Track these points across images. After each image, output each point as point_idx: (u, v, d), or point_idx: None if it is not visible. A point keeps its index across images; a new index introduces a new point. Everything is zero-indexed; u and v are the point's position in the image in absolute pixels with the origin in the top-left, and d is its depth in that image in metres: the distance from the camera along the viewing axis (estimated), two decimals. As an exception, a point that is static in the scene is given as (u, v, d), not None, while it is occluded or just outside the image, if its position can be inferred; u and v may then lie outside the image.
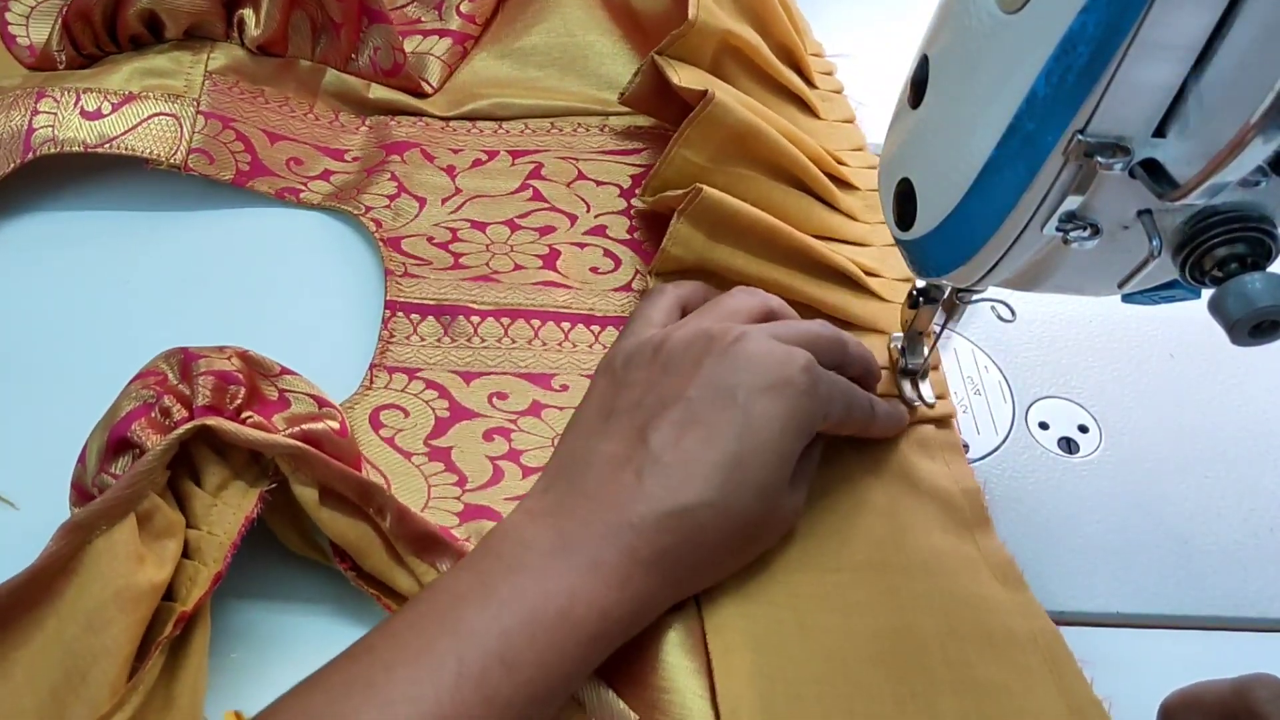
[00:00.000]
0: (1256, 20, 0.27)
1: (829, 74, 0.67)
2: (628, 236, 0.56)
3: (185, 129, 0.54)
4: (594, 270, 0.54)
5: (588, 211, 0.57)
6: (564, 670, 0.34)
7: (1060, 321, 0.54)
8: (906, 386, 0.47)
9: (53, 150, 0.52)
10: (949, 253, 0.36)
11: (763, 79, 0.61)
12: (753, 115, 0.54)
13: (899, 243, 0.39)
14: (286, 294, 0.52)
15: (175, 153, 0.53)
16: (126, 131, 0.53)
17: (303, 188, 0.56)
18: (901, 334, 0.47)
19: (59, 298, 0.51)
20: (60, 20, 0.55)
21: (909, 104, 0.37)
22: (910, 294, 0.44)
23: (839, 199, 0.58)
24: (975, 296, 0.41)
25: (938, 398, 0.48)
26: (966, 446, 0.48)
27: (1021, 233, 0.34)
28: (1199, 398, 0.51)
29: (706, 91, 0.53)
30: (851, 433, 0.44)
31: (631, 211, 0.57)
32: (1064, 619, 0.42)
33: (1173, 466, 0.48)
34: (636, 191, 0.57)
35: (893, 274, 0.56)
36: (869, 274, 0.55)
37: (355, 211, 0.55)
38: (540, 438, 0.48)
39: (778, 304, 0.45)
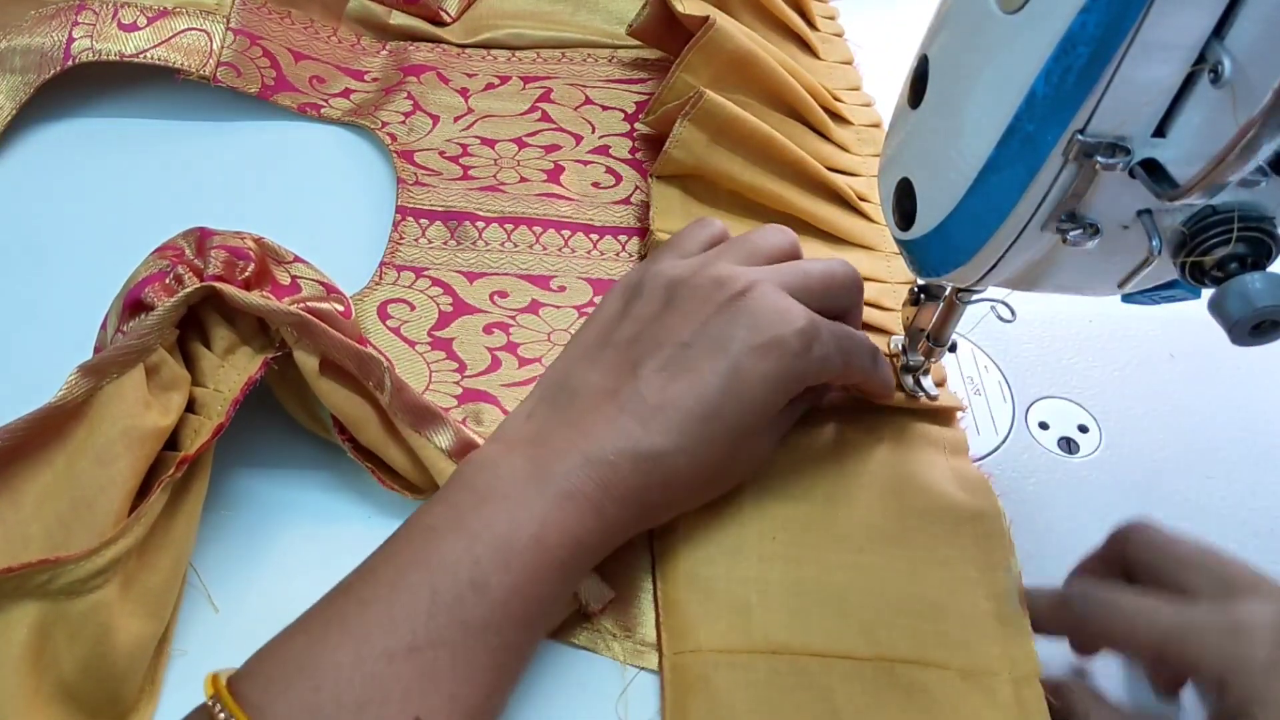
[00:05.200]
0: (1256, 20, 0.26)
1: (831, 18, 0.66)
2: (630, 156, 0.56)
3: (215, 43, 0.54)
4: (595, 185, 0.54)
5: (593, 133, 0.56)
6: (538, 594, 0.33)
7: (1060, 321, 0.52)
8: (909, 381, 0.45)
9: (91, 58, 0.52)
10: (949, 253, 0.35)
11: (765, 16, 0.61)
12: (752, 43, 0.54)
13: (899, 243, 0.37)
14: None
15: (205, 65, 0.53)
16: (160, 44, 0.53)
17: (324, 103, 0.56)
18: (902, 335, 0.45)
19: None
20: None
21: (908, 104, 0.36)
22: (911, 292, 0.42)
23: (832, 130, 0.57)
24: (975, 296, 0.40)
25: (937, 384, 0.45)
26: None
27: (1021, 233, 0.32)
28: (1199, 398, 0.49)
29: (708, 17, 0.53)
30: (848, 383, 0.42)
31: (635, 134, 0.57)
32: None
33: (1173, 466, 0.46)
34: (640, 117, 0.57)
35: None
36: (860, 199, 0.55)
37: (372, 126, 0.55)
38: (537, 333, 0.47)
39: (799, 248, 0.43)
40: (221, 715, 0.28)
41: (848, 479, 0.42)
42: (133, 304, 0.37)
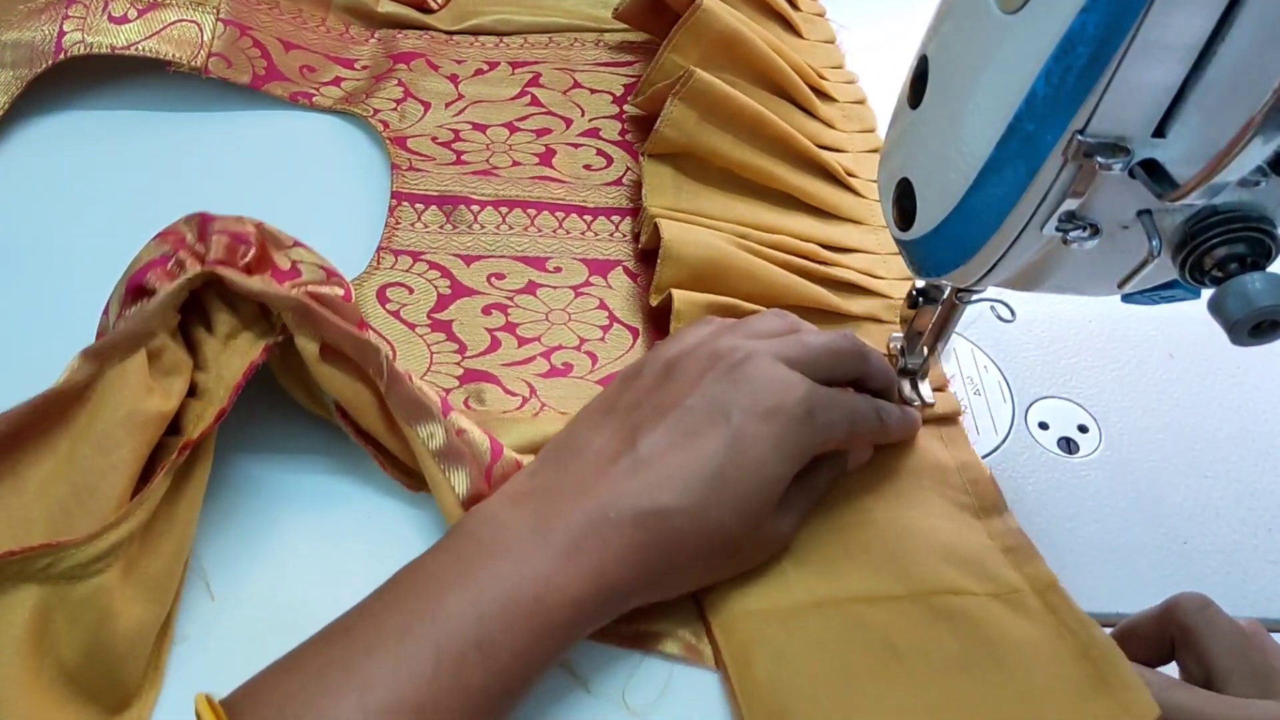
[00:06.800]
0: (1256, 20, 0.26)
1: (812, -1, 0.66)
2: (619, 138, 0.55)
3: (205, 35, 0.53)
4: (587, 167, 0.53)
5: (582, 116, 0.56)
6: (536, 658, 0.32)
7: (1060, 321, 0.50)
8: (905, 386, 0.44)
9: (82, 51, 0.51)
10: (949, 253, 0.34)
11: (748, -2, 0.60)
12: (738, 23, 0.53)
13: (899, 243, 0.36)
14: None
15: (196, 56, 0.52)
16: (151, 36, 0.52)
17: (315, 92, 0.55)
18: (901, 334, 0.44)
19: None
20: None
21: (908, 104, 0.35)
22: (910, 294, 0.41)
23: (818, 107, 0.57)
24: (975, 296, 0.39)
25: (936, 391, 0.44)
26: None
27: (1021, 233, 0.32)
28: (1199, 398, 0.48)
29: (694, -1, 0.52)
30: (864, 444, 0.41)
31: (624, 116, 0.56)
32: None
33: (1173, 466, 0.45)
34: (629, 99, 0.56)
35: (868, 175, 0.55)
36: (848, 174, 0.54)
37: (364, 114, 0.54)
38: (535, 313, 0.47)
39: (805, 326, 0.42)
40: None
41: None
42: (134, 289, 0.36)
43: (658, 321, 0.46)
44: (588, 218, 0.51)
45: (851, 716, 0.34)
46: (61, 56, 0.50)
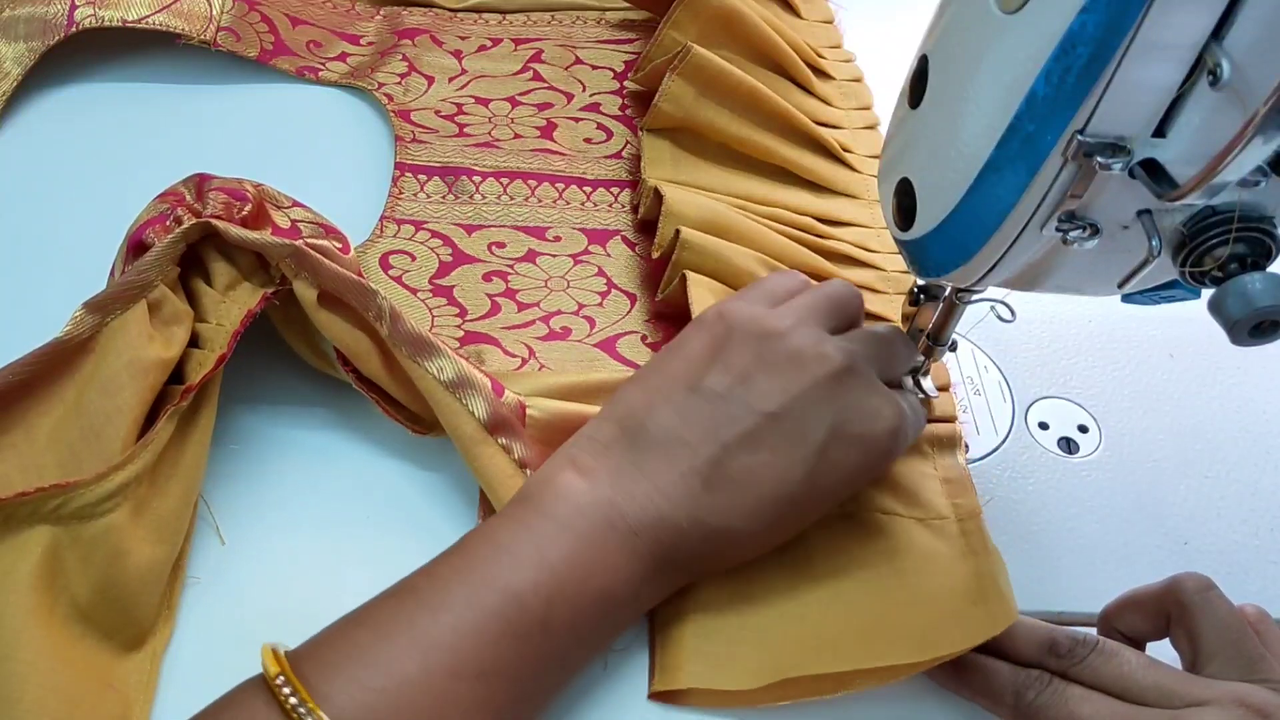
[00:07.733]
0: (1256, 20, 0.25)
1: (811, -20, 0.65)
2: (619, 113, 0.55)
3: (215, 9, 0.53)
4: (588, 141, 0.53)
5: (583, 91, 0.56)
6: (592, 641, 0.33)
7: (1060, 321, 0.49)
8: (908, 382, 0.43)
9: (94, 24, 0.51)
10: (949, 253, 0.33)
11: (747, -22, 0.60)
12: (736, 0, 0.53)
13: (899, 243, 0.35)
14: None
15: (205, 30, 0.52)
16: (161, 10, 0.52)
17: (321, 67, 0.55)
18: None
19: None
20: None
21: (908, 104, 0.34)
22: (911, 291, 0.40)
23: (815, 85, 0.57)
24: (975, 296, 0.38)
25: (940, 389, 0.44)
26: (967, 446, 0.43)
27: (1021, 233, 0.31)
28: (1199, 398, 0.47)
29: (693, -26, 0.52)
30: None
31: (624, 92, 0.56)
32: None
33: (1173, 466, 0.44)
34: (629, 75, 0.56)
35: (864, 151, 0.55)
36: (844, 149, 0.54)
37: (369, 87, 0.54)
38: (534, 279, 0.47)
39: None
40: (286, 691, 0.27)
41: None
42: (135, 246, 0.37)
43: (656, 288, 0.46)
44: (587, 189, 0.51)
45: (751, 595, 0.36)
46: (73, 29, 0.51)
